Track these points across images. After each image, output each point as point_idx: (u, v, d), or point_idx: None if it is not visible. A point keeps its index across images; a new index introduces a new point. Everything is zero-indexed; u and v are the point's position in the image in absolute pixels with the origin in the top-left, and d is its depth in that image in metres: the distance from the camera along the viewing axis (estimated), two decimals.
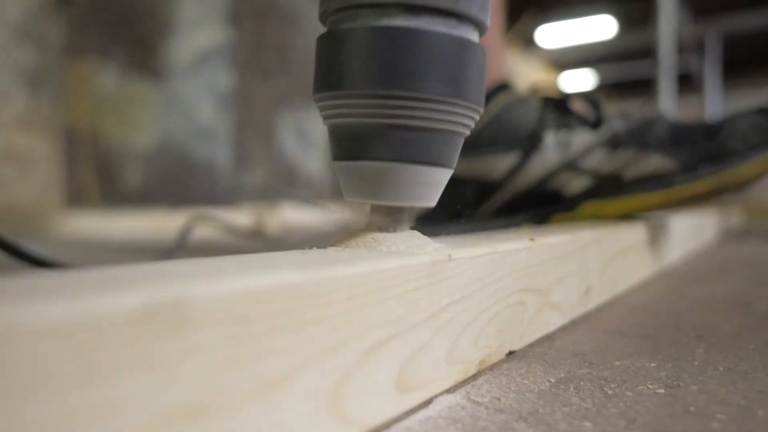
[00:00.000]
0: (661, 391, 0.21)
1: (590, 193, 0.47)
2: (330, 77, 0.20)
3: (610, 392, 0.20)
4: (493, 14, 0.56)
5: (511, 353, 0.25)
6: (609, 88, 4.99)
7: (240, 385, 0.12)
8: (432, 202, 0.22)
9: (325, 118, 0.22)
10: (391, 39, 0.19)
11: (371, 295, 0.16)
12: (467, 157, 0.47)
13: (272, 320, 0.13)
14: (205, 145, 1.59)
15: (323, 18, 0.22)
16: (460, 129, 0.21)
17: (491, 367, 0.23)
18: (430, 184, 0.21)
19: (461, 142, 0.22)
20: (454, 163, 0.22)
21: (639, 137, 0.47)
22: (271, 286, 0.13)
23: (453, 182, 0.23)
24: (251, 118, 1.73)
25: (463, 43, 0.20)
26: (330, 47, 0.20)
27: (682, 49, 3.02)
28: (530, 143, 0.47)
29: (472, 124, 0.22)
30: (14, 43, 1.14)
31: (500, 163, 0.48)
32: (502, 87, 0.50)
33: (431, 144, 0.20)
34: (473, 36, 0.21)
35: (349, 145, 0.21)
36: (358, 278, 0.16)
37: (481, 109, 0.22)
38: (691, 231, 0.70)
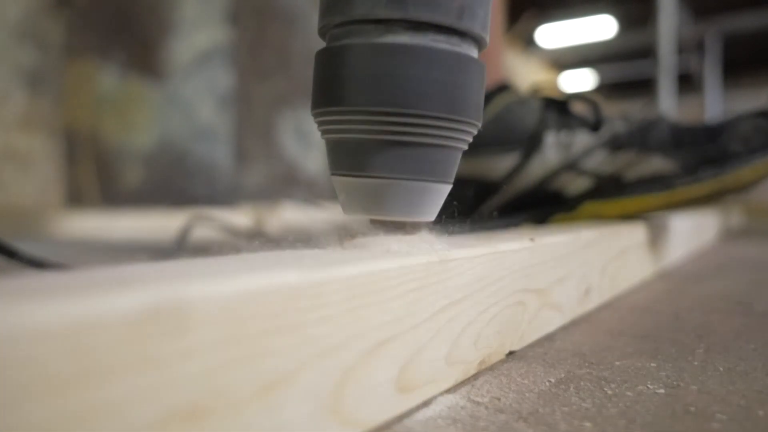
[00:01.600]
0: (661, 391, 0.21)
1: (591, 194, 0.47)
2: (330, 93, 0.20)
3: (610, 392, 0.20)
4: (493, 14, 0.57)
5: (511, 353, 0.25)
6: (609, 88, 4.98)
7: (240, 386, 0.12)
8: (431, 216, 0.22)
9: (324, 133, 0.22)
10: (395, 56, 0.19)
11: (371, 296, 0.16)
12: (467, 157, 0.47)
13: (272, 320, 0.13)
14: (205, 145, 1.59)
15: (323, 32, 0.22)
16: (460, 144, 0.21)
17: (491, 367, 0.23)
18: (430, 199, 0.21)
19: (459, 156, 0.22)
20: (453, 177, 0.22)
21: (640, 139, 0.47)
22: (271, 286, 0.13)
23: (453, 182, 0.23)
24: (251, 118, 1.73)
25: (466, 61, 0.20)
26: (331, 62, 0.20)
27: (682, 49, 3.02)
28: (531, 144, 0.47)
29: (471, 139, 0.22)
30: (14, 43, 1.14)
31: (500, 164, 0.48)
32: (503, 88, 0.50)
33: (431, 159, 0.21)
34: (474, 52, 0.21)
35: (348, 160, 0.21)
36: (358, 278, 0.16)
37: (479, 124, 0.22)
38: (691, 231, 0.70)
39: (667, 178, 0.46)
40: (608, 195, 0.46)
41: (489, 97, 0.49)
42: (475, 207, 0.48)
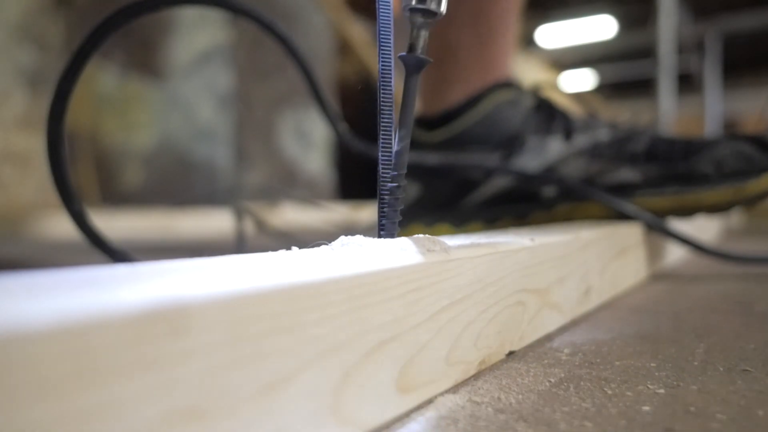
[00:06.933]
0: (661, 391, 0.21)
1: (565, 195, 0.49)
2: None
3: (610, 392, 0.20)
4: (508, 15, 0.57)
5: (511, 353, 0.25)
6: (609, 88, 4.98)
7: (240, 387, 0.12)
8: None
9: None
10: None
11: (371, 296, 0.16)
12: (456, 152, 0.49)
13: (272, 321, 0.13)
14: (205, 145, 1.59)
15: None
16: None
17: (491, 368, 0.23)
18: None
19: None
20: None
21: (616, 149, 0.50)
22: (271, 286, 0.13)
23: (439, 177, 0.23)
24: (251, 118, 1.73)
25: None
26: None
27: (682, 49, 3.02)
28: (511, 146, 0.49)
29: None
30: (14, 43, 1.14)
31: (484, 163, 0.49)
32: (500, 86, 0.51)
33: None
34: None
35: None
36: (358, 279, 0.16)
37: None
38: (691, 231, 0.70)
39: (629, 188, 0.48)
40: (579, 198, 0.49)
41: (484, 94, 0.51)
42: (457, 201, 0.49)
